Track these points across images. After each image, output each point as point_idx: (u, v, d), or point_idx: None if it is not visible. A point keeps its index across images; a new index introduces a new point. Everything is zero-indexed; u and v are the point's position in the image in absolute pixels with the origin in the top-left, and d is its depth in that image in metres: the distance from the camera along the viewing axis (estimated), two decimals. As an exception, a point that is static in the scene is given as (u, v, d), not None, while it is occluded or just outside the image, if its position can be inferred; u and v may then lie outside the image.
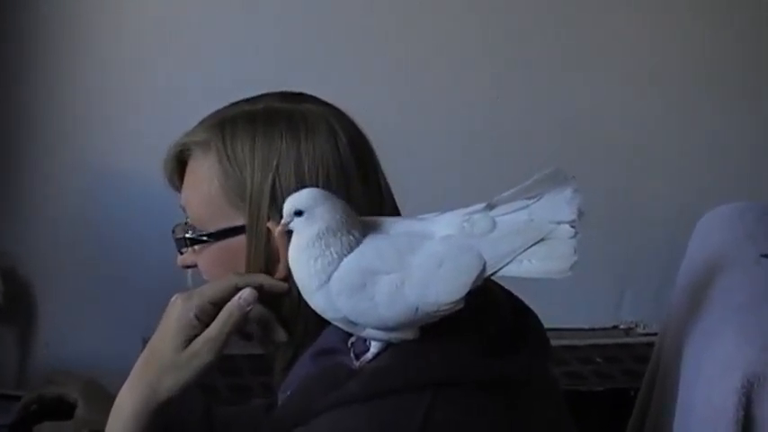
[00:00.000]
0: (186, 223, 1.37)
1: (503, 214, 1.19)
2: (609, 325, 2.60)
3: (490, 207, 1.19)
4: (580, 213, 1.17)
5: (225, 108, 1.37)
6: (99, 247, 2.37)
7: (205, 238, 1.34)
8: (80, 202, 2.41)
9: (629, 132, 2.65)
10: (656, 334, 1.81)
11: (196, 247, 1.36)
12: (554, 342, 2.43)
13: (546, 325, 1.43)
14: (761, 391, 1.14)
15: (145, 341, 1.35)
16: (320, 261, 1.18)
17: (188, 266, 1.38)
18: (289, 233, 1.22)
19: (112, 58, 2.39)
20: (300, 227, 1.19)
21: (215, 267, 1.35)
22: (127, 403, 1.30)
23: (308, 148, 1.29)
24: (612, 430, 1.79)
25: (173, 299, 1.32)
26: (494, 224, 1.18)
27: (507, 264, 1.18)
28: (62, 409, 1.72)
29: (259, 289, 1.31)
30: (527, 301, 1.33)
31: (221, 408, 1.72)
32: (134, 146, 2.38)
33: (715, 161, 2.67)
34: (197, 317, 1.30)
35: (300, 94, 1.37)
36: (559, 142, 2.59)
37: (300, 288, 1.22)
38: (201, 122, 1.36)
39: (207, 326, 1.30)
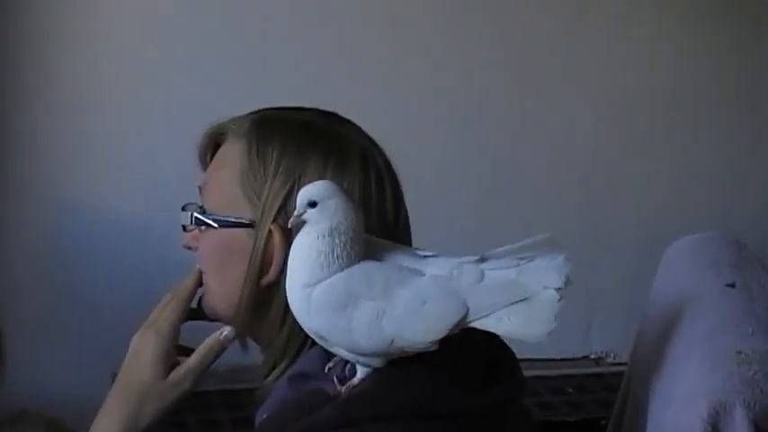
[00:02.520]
0: (197, 205, 1.37)
1: (492, 269, 1.19)
2: (579, 355, 2.62)
3: (482, 260, 1.20)
4: (568, 282, 1.18)
5: (269, 108, 1.39)
6: (65, 284, 2.36)
7: (211, 221, 1.34)
8: (45, 238, 2.40)
9: (598, 164, 2.68)
10: (626, 363, 1.82)
11: (201, 228, 1.36)
12: (526, 373, 2.44)
13: (517, 356, 1.43)
14: (727, 418, 1.14)
15: (114, 375, 1.37)
16: (323, 257, 1.18)
17: (188, 248, 1.38)
18: (288, 236, 1.24)
19: (81, 91, 2.40)
20: (314, 218, 1.18)
21: (212, 254, 1.36)
22: (112, 428, 1.33)
23: (335, 171, 1.30)
24: (585, 459, 1.80)
25: (136, 337, 1.37)
26: (482, 276, 1.19)
27: (488, 316, 1.19)
28: None
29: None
30: None
31: None
32: (101, 178, 2.36)
33: (680, 193, 2.71)
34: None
35: (343, 119, 1.39)
36: (530, 174, 2.61)
37: (289, 278, 1.21)
38: (247, 114, 1.37)
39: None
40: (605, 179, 2.68)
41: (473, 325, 1.19)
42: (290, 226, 1.20)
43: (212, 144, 1.39)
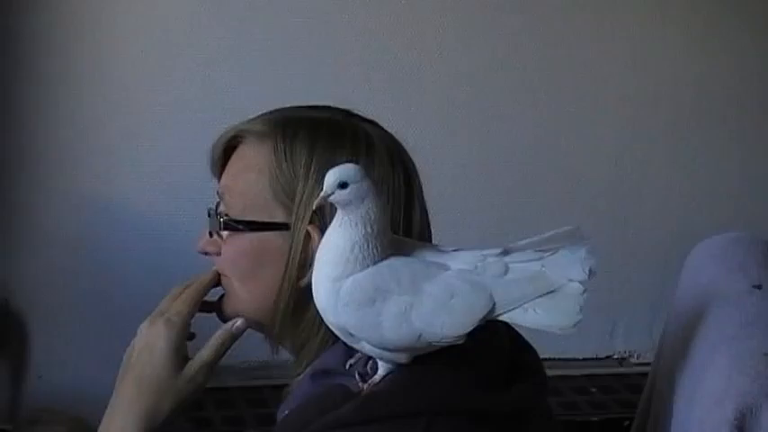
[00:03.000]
0: (218, 209, 1.37)
1: (517, 261, 1.20)
2: (603, 355, 2.62)
3: (505, 252, 1.21)
4: (591, 273, 1.18)
5: (286, 108, 1.38)
6: (93, 280, 2.37)
7: (241, 226, 1.34)
8: (73, 233, 2.41)
9: (624, 164, 2.68)
10: (649, 364, 1.81)
11: (225, 233, 1.35)
12: (549, 372, 2.43)
13: (541, 355, 1.43)
14: (753, 422, 1.15)
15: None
16: (357, 250, 1.19)
17: (206, 253, 1.38)
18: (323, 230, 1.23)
19: (108, 88, 2.40)
20: (343, 199, 1.18)
21: (242, 257, 1.35)
22: (127, 429, 1.32)
23: (366, 165, 1.28)
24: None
25: (144, 326, 1.36)
26: (506, 269, 1.19)
27: (514, 309, 1.19)
28: None
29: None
30: (524, 331, 1.31)
31: None
32: (127, 174, 2.37)
33: (706, 193, 2.70)
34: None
35: (364, 117, 1.38)
36: (554, 174, 2.61)
37: (317, 271, 1.22)
38: (261, 115, 1.37)
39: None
40: (631, 179, 2.68)
41: (501, 318, 1.19)
42: (314, 207, 1.21)
43: (226, 149, 1.39)
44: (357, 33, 2.51)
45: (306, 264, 1.29)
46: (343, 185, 1.17)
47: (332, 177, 1.17)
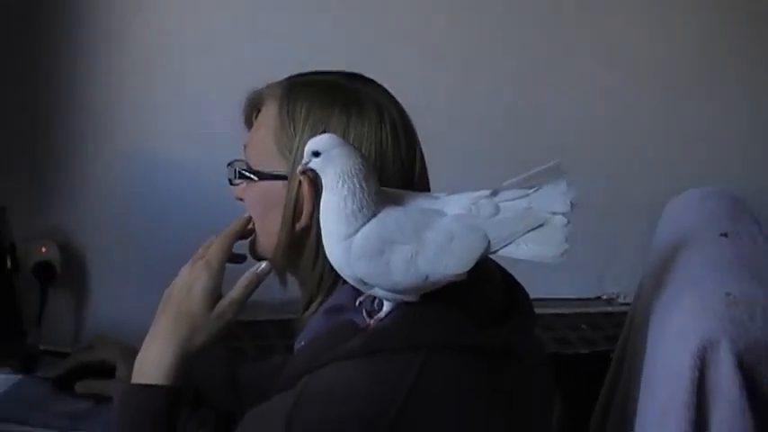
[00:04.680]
0: (242, 161, 1.39)
1: (505, 200, 1.21)
2: (593, 296, 2.62)
3: (494, 193, 1.22)
4: (573, 205, 1.20)
5: (301, 74, 1.39)
6: (143, 226, 2.39)
7: (251, 175, 1.36)
8: (127, 185, 2.42)
9: (618, 128, 2.66)
10: (632, 304, 1.83)
11: (243, 183, 1.38)
12: (544, 311, 2.47)
13: (537, 295, 1.44)
14: (713, 354, 1.14)
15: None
16: (349, 202, 1.20)
17: (240, 199, 1.40)
18: (316, 186, 1.25)
19: (161, 67, 2.40)
20: (319, 167, 1.21)
21: (256, 204, 1.38)
22: (164, 356, 1.34)
23: (355, 123, 1.30)
24: (594, 388, 1.80)
25: (185, 269, 1.39)
26: (497, 209, 1.21)
27: (507, 245, 1.20)
28: (103, 369, 1.76)
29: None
30: (522, 274, 1.34)
31: (248, 365, 1.75)
32: (174, 133, 2.38)
33: (689, 154, 2.68)
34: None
35: (367, 79, 1.39)
36: (556, 135, 2.59)
37: (325, 237, 1.23)
38: (282, 80, 1.38)
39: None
40: (624, 140, 2.66)
41: (496, 254, 1.21)
42: (297, 172, 1.23)
43: (254, 107, 1.41)
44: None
45: (301, 210, 1.31)
46: (316, 154, 1.20)
47: (307, 147, 1.21)
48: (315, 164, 1.20)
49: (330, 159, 1.20)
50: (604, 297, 2.60)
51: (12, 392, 1.85)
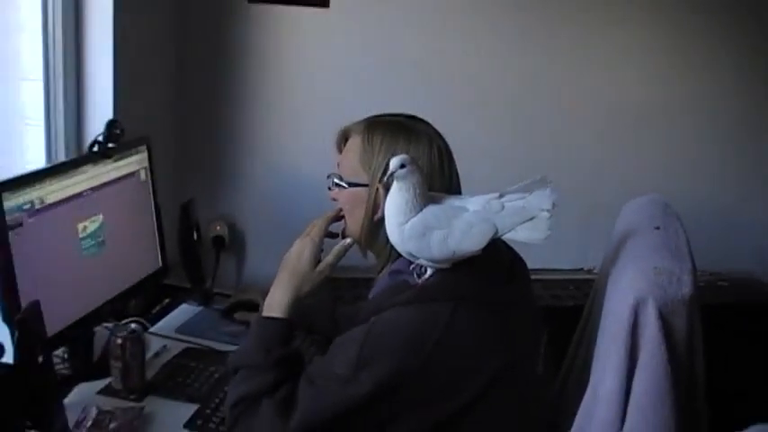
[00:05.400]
0: (336, 174, 1.39)
1: (509, 200, 1.21)
2: (579, 267, 2.55)
3: (501, 196, 1.22)
4: (554, 205, 1.19)
5: (375, 115, 1.39)
6: (281, 213, 2.41)
7: (343, 184, 1.37)
8: (273, 186, 2.45)
9: (603, 147, 2.54)
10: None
11: (337, 189, 1.38)
12: (545, 276, 2.41)
13: (539, 266, 1.41)
14: (643, 308, 1.11)
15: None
16: (409, 203, 1.20)
17: (334, 199, 1.39)
18: (387, 191, 1.23)
19: (301, 104, 2.40)
20: (402, 174, 1.20)
21: (345, 204, 1.38)
22: (284, 296, 1.35)
23: (414, 149, 1.30)
24: (575, 327, 1.78)
25: (298, 242, 1.39)
26: (503, 207, 1.20)
27: (509, 231, 1.20)
28: (252, 305, 1.79)
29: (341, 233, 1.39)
30: (532, 252, 1.31)
31: (344, 307, 1.75)
32: (304, 156, 2.39)
33: (650, 171, 2.58)
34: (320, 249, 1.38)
35: (419, 118, 1.38)
36: (553, 151, 2.51)
37: (388, 223, 1.23)
38: (362, 120, 1.38)
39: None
40: (607, 157, 2.54)
41: (501, 237, 1.21)
42: (385, 178, 1.22)
43: (344, 137, 1.41)
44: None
45: (377, 207, 1.32)
46: (402, 166, 1.21)
47: (396, 162, 1.20)
48: (399, 173, 1.20)
49: (409, 170, 1.20)
50: (586, 269, 2.53)
51: (195, 318, 1.93)
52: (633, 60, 2.48)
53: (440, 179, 1.32)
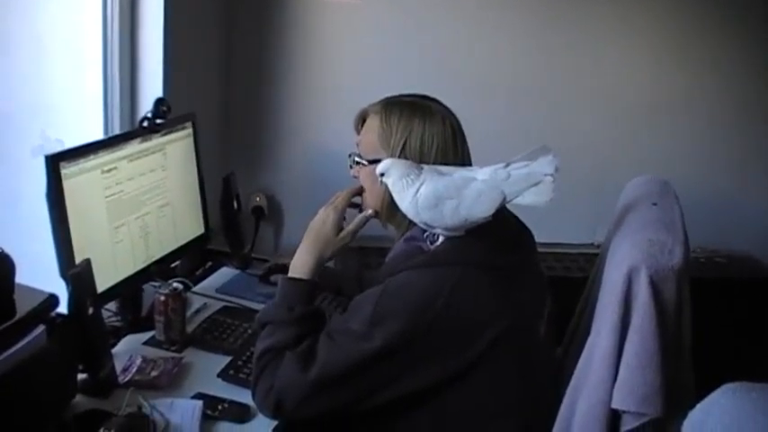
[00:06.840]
0: (356, 153, 1.40)
1: (515, 169, 1.20)
2: (588, 242, 2.52)
3: (507, 165, 1.21)
4: (557, 169, 1.17)
5: (393, 96, 1.38)
6: (313, 186, 2.38)
7: (363, 161, 1.37)
8: (308, 163, 2.45)
9: (611, 134, 2.51)
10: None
11: (358, 167, 1.38)
12: (557, 250, 2.38)
13: (552, 241, 1.38)
14: (636, 276, 1.11)
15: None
16: (410, 188, 1.21)
17: (355, 176, 1.40)
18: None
19: (333, 89, 2.39)
20: (387, 178, 1.23)
21: (366, 180, 1.38)
22: (308, 259, 1.35)
23: (429, 127, 1.30)
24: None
25: (322, 210, 1.38)
26: (509, 175, 1.19)
27: (515, 197, 1.20)
28: (287, 269, 1.82)
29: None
30: (546, 227, 1.32)
31: (368, 271, 1.77)
32: (333, 135, 2.34)
33: (652, 157, 2.53)
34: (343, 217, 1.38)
35: (434, 99, 1.37)
36: (563, 132, 2.46)
37: (400, 204, 1.24)
38: (380, 101, 1.38)
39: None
40: (616, 143, 2.51)
41: (509, 203, 1.20)
42: (379, 183, 1.25)
43: (362, 118, 1.41)
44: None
45: None
46: (382, 174, 1.25)
47: (377, 171, 1.25)
48: (384, 179, 1.23)
49: (390, 174, 1.23)
50: (594, 243, 2.51)
51: (234, 280, 1.94)
52: (648, 47, 2.45)
53: (453, 154, 1.32)
